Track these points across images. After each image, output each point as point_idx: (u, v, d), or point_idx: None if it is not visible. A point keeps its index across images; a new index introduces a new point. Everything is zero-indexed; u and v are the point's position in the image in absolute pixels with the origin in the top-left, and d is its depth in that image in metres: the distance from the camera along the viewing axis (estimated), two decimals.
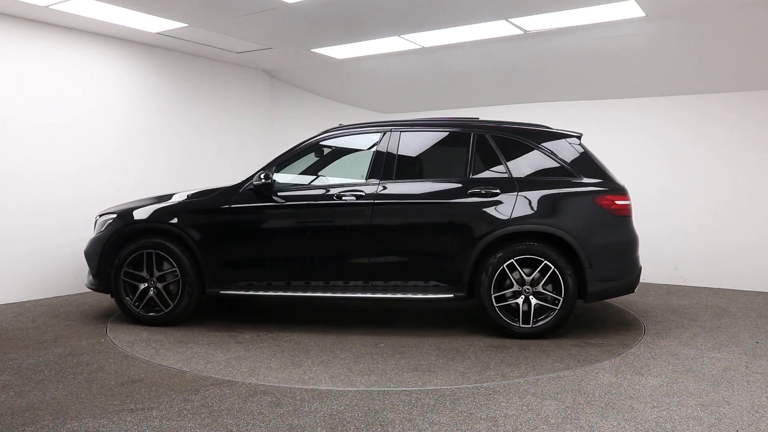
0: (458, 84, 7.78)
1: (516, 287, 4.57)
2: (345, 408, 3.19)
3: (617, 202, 4.65)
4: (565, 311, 4.53)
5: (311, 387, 3.52)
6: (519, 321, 4.56)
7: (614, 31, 5.75)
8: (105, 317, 5.24)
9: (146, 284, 4.95)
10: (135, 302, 4.97)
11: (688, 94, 6.91)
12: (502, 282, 4.59)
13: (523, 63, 6.87)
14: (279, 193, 4.92)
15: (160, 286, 4.92)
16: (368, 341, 4.56)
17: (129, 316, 5.01)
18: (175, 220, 4.93)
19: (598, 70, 6.72)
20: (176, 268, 4.87)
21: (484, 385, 3.57)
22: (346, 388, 3.50)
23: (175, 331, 4.81)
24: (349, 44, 6.63)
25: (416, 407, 3.21)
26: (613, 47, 6.11)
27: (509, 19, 5.59)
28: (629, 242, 4.71)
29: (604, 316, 5.38)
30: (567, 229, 4.53)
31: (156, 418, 3.05)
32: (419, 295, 4.70)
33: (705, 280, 6.82)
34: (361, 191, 4.78)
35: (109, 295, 5.23)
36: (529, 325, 4.55)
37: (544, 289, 4.55)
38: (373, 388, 3.50)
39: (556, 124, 5.10)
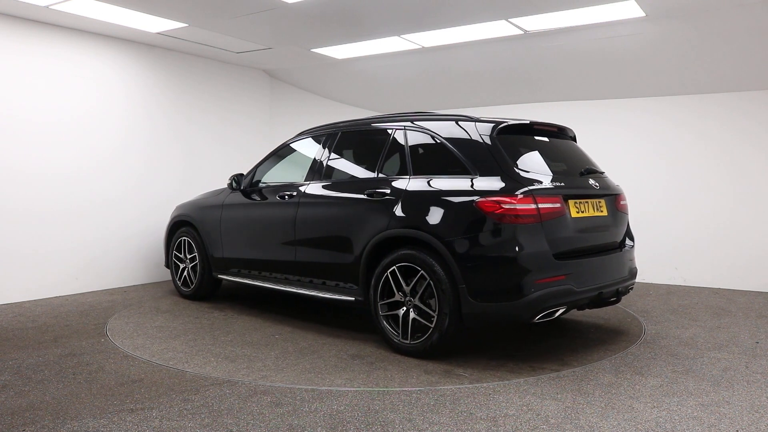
0: (458, 84, 7.77)
1: (398, 296, 4.16)
2: (345, 408, 3.20)
3: (506, 207, 3.73)
4: (440, 330, 3.90)
5: (311, 387, 3.52)
6: (399, 334, 4.14)
7: (614, 31, 5.75)
8: (105, 317, 5.25)
9: (183, 265, 6.02)
10: (178, 279, 6.11)
11: (688, 94, 6.91)
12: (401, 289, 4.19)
13: (523, 63, 6.87)
14: (249, 194, 5.47)
15: (189, 267, 5.96)
16: (273, 331, 4.79)
17: (177, 290, 6.20)
18: (191, 214, 5.97)
19: (598, 70, 6.72)
20: (196, 253, 5.86)
21: (484, 385, 3.57)
22: (346, 388, 3.50)
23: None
24: (349, 44, 6.64)
25: (416, 407, 3.21)
26: (613, 47, 6.11)
27: (509, 19, 5.59)
28: (528, 257, 3.73)
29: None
30: (440, 235, 3.90)
31: (156, 418, 3.06)
32: (328, 296, 4.65)
33: (705, 280, 6.81)
34: (293, 192, 4.98)
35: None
36: (407, 341, 4.09)
37: (423, 302, 4.04)
38: (372, 388, 3.51)
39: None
